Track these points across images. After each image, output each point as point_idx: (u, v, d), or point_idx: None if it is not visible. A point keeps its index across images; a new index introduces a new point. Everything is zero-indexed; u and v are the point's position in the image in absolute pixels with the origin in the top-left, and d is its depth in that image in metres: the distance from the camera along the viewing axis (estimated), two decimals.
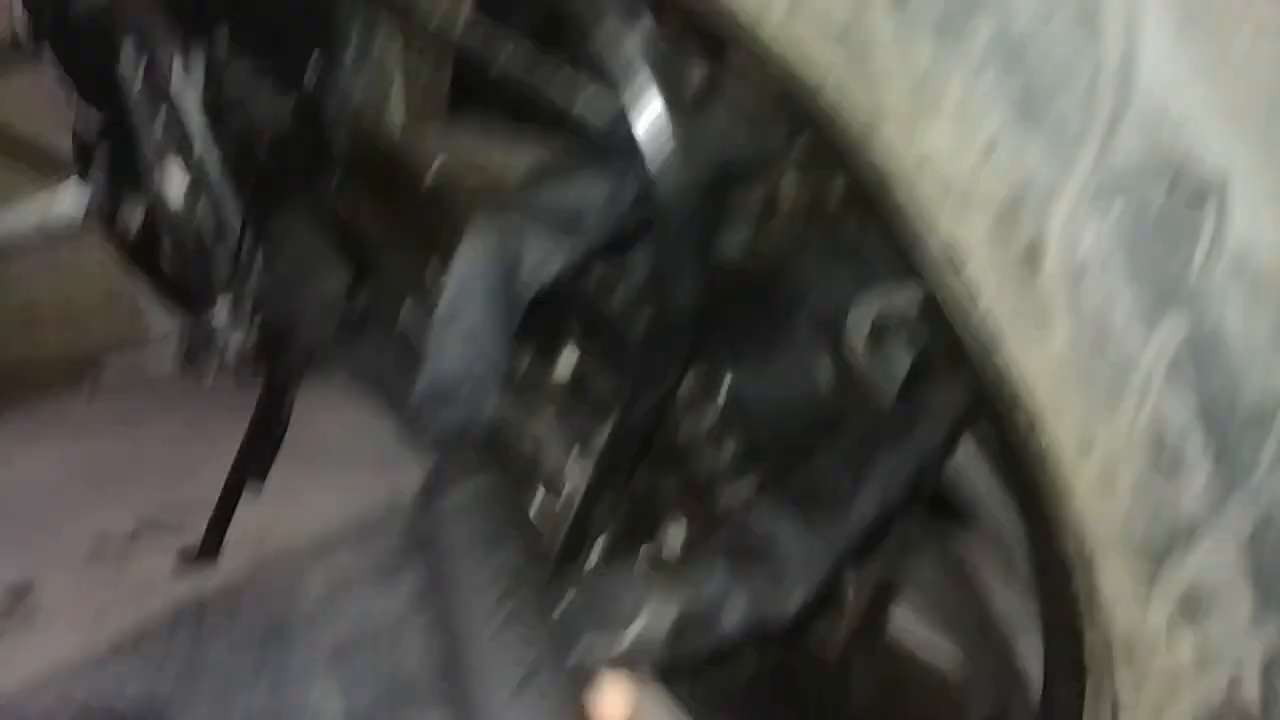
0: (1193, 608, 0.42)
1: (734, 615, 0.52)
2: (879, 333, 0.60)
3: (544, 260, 0.48)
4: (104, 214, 1.03)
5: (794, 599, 0.53)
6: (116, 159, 1.00)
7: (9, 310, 2.52)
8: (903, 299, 0.59)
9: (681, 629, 0.51)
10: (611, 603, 0.51)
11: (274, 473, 1.56)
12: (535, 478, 0.55)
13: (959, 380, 0.53)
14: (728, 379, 0.62)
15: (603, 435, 0.53)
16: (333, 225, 0.77)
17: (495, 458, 0.46)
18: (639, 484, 0.60)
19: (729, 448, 0.59)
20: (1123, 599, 0.44)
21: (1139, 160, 0.38)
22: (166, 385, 2.43)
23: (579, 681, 0.43)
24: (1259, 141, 0.38)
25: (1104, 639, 0.46)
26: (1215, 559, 0.41)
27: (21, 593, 1.48)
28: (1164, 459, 0.41)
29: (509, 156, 0.62)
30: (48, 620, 1.42)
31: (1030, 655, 0.69)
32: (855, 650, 0.83)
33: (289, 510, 1.63)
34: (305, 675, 1.30)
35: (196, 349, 1.36)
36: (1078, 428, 0.42)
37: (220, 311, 1.29)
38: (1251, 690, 0.43)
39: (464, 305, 0.47)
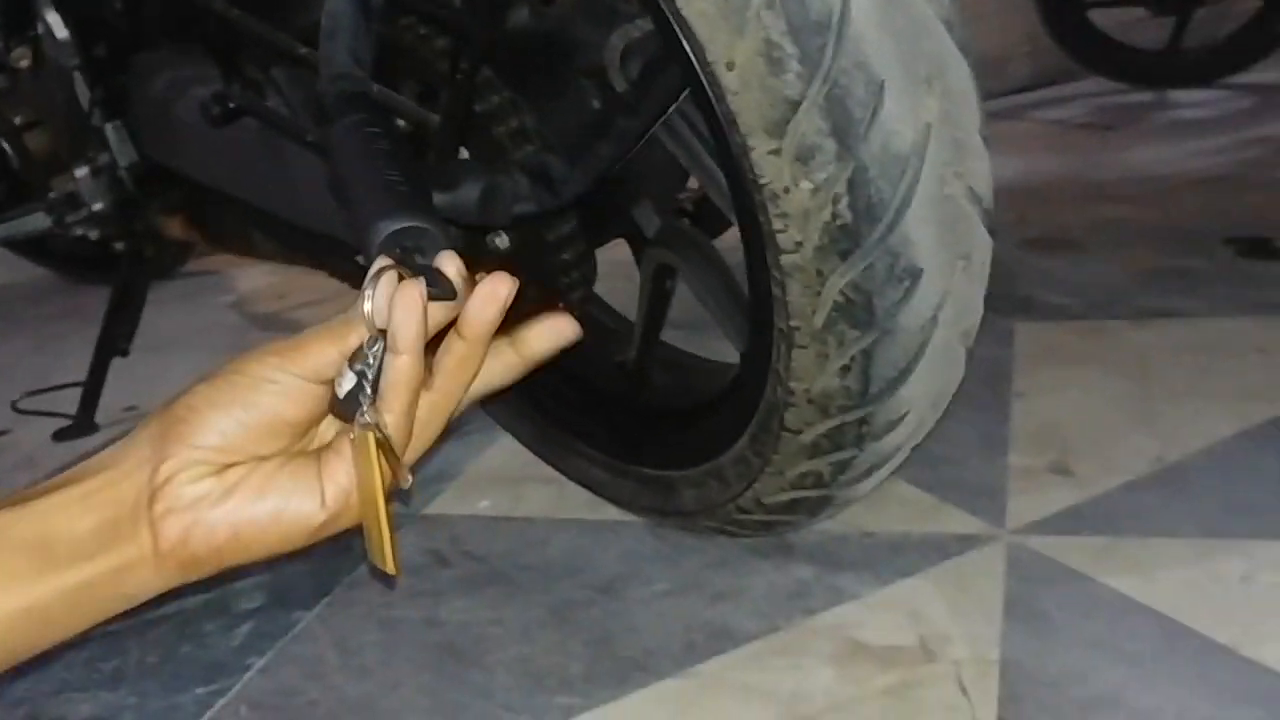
0: (804, 157, 0.70)
1: (520, 200, 0.80)
2: (626, 55, 0.87)
3: None
4: None
5: (559, 197, 0.81)
6: None
7: None
8: (636, 29, 0.86)
9: (484, 199, 0.78)
10: (445, 175, 0.77)
11: (134, 362, 1.70)
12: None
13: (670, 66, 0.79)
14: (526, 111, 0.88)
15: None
16: (202, 40, 0.97)
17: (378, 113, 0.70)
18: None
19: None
20: (766, 164, 0.71)
21: None
22: (2, 309, 2.52)
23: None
24: None
25: (760, 199, 0.73)
26: (810, 124, 0.69)
27: None
28: (771, 62, 0.68)
29: None
30: None
31: None
32: (647, 355, 1.11)
33: (155, 389, 1.79)
34: None
35: (63, 216, 1.50)
36: (724, 50, 0.69)
37: (82, 178, 1.44)
38: (844, 202, 0.71)
39: (339, 18, 0.70)
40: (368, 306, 0.52)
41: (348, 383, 0.53)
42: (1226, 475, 1.08)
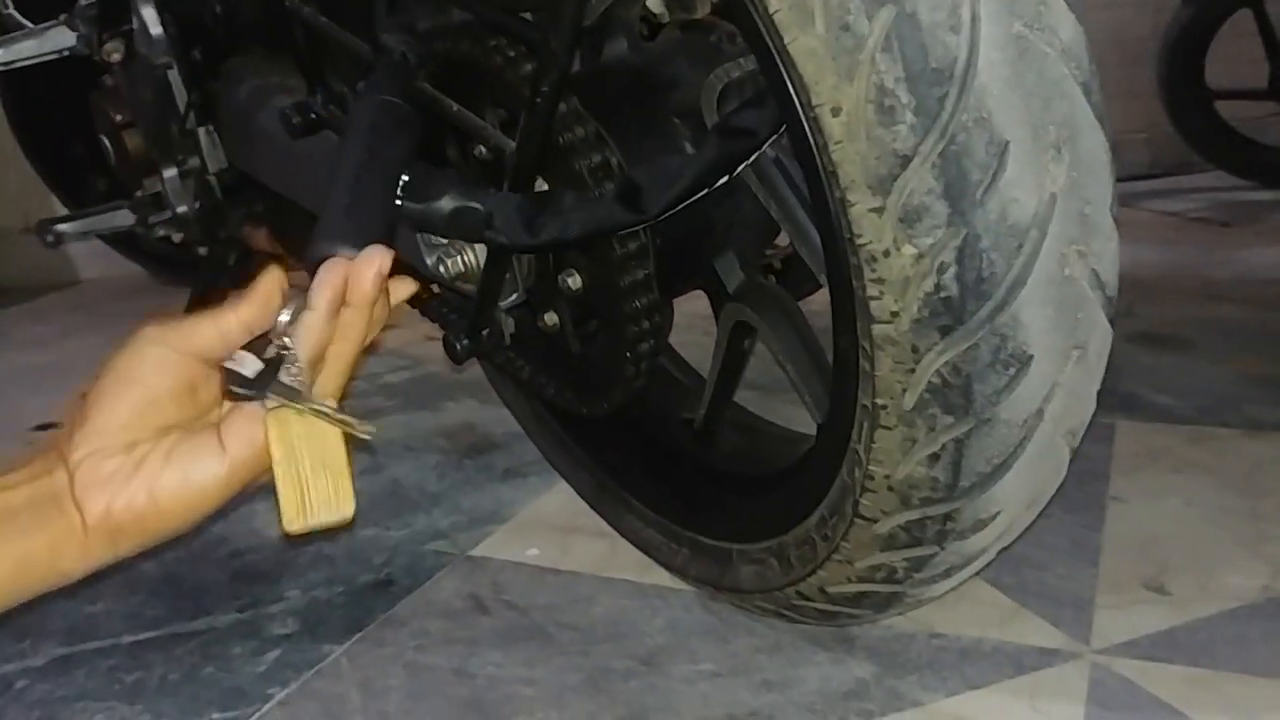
0: (910, 218, 0.63)
1: (493, 230, 0.76)
2: (724, 97, 0.82)
3: None
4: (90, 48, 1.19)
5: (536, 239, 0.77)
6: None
7: None
8: (737, 68, 0.80)
9: (453, 217, 0.76)
10: (427, 185, 0.74)
11: None
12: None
13: (768, 107, 0.73)
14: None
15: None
16: (290, 48, 0.94)
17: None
18: None
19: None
20: (867, 223, 0.65)
21: None
22: (92, 303, 2.56)
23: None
24: None
25: (856, 261, 0.67)
26: (920, 182, 0.62)
27: None
28: (883, 110, 0.61)
29: None
30: None
31: None
32: (718, 413, 1.04)
33: None
34: None
35: (146, 216, 1.49)
36: (831, 95, 0.62)
37: (169, 179, 1.43)
38: (951, 272, 0.64)
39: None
40: (284, 317, 0.60)
41: (249, 364, 0.59)
42: None
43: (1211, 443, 1.35)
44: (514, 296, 0.92)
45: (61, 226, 1.45)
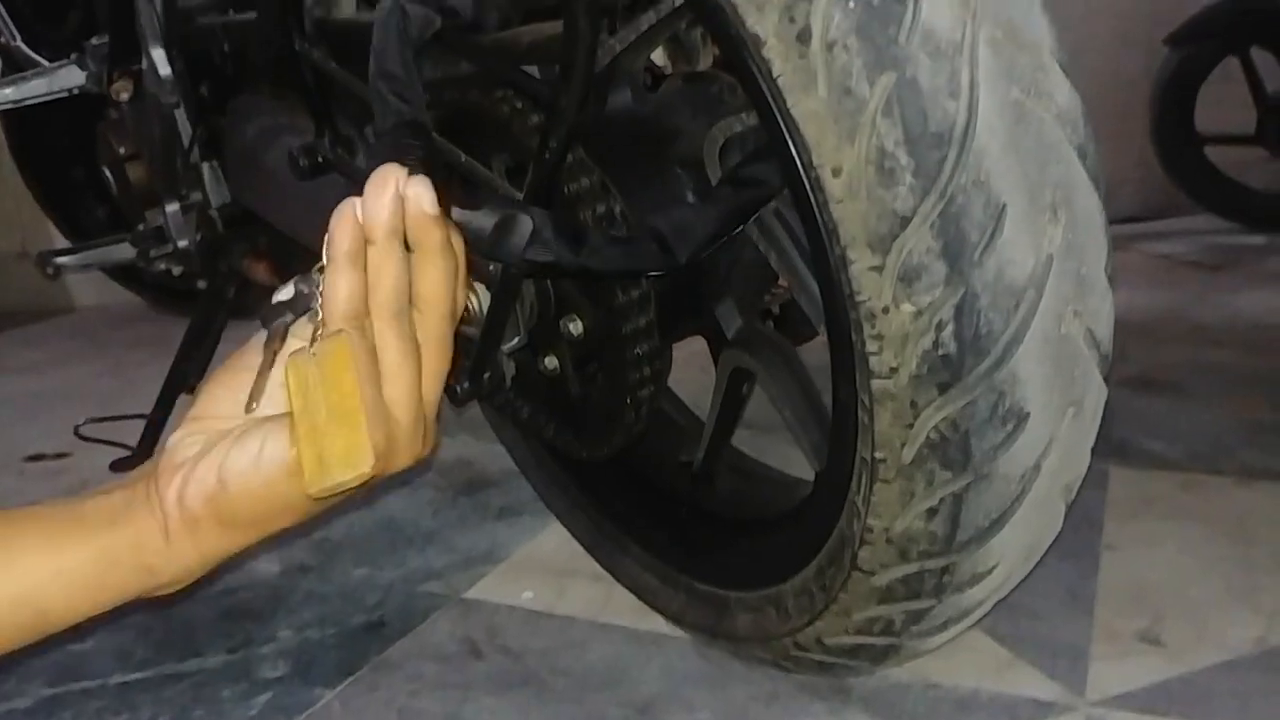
0: (909, 277, 0.64)
1: (537, 246, 0.73)
2: (726, 150, 0.83)
3: (425, 20, 0.70)
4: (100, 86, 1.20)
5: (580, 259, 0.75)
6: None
7: None
8: (739, 123, 0.82)
9: (498, 230, 0.71)
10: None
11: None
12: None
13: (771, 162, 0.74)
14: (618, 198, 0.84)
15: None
16: (299, 89, 0.95)
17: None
18: None
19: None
20: (866, 280, 0.66)
21: None
22: (88, 330, 2.56)
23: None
24: None
25: (855, 316, 0.67)
26: (919, 242, 0.63)
27: None
28: (883, 172, 0.62)
29: None
30: None
31: None
32: (716, 456, 1.05)
33: None
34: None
35: (147, 249, 1.50)
36: (832, 156, 0.63)
37: (171, 214, 1.44)
38: (949, 330, 0.65)
39: (384, 53, 0.68)
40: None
41: (284, 293, 0.56)
42: None
43: (1203, 490, 1.36)
44: (515, 340, 0.92)
45: (62, 259, 1.45)
